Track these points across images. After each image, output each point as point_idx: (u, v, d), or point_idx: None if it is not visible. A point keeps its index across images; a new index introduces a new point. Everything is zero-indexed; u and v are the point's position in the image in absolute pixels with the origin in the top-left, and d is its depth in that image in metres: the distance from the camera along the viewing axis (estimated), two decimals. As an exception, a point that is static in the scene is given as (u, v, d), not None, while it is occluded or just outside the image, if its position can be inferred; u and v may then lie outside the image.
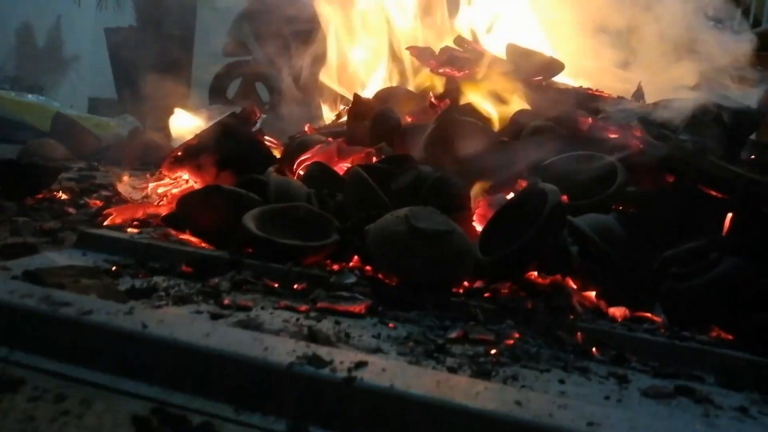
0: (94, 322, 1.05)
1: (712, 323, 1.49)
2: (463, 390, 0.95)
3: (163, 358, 1.00)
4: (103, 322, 1.04)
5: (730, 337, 1.45)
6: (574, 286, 1.64)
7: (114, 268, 1.59)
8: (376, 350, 1.23)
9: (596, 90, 2.55)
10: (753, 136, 2.27)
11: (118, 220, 2.06)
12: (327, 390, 0.94)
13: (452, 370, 1.16)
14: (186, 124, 3.31)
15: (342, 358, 0.99)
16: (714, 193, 1.80)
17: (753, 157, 1.92)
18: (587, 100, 2.38)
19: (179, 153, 2.36)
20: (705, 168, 1.80)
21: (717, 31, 2.81)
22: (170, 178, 2.48)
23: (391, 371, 0.97)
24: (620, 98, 2.43)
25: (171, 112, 4.91)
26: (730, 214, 1.72)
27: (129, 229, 1.92)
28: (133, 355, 1.01)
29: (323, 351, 1.01)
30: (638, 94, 2.57)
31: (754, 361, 1.33)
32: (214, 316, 1.31)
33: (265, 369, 0.97)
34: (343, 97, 3.48)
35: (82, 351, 1.03)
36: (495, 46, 2.99)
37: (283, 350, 1.00)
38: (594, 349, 1.36)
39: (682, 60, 2.41)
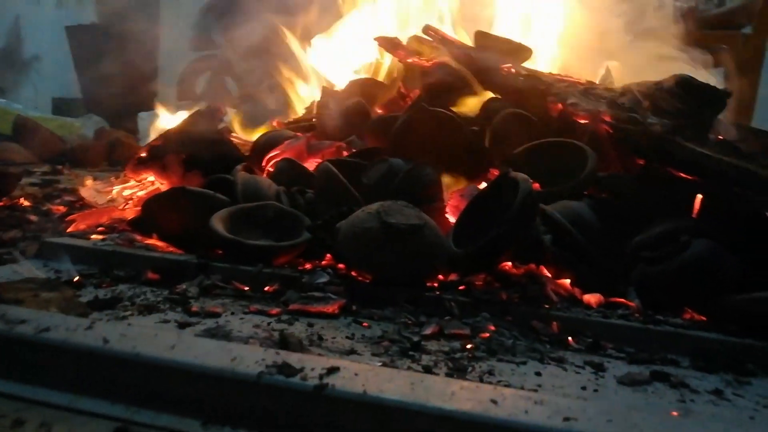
0: (52, 340, 1.00)
1: (685, 306, 1.50)
2: (438, 390, 0.93)
3: (126, 375, 0.96)
4: (62, 340, 1.00)
5: (704, 318, 1.46)
6: (549, 275, 1.64)
7: (76, 278, 1.54)
8: (350, 352, 1.21)
9: (565, 75, 2.53)
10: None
11: (82, 227, 1.99)
12: (298, 399, 0.92)
13: (428, 368, 1.14)
14: (153, 122, 3.22)
15: (313, 365, 0.96)
16: (683, 176, 1.81)
17: (720, 137, 1.93)
18: (556, 85, 2.36)
19: (143, 154, 2.29)
20: (674, 150, 1.81)
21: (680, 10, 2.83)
22: (136, 181, 2.40)
23: (363, 375, 0.95)
24: (589, 83, 2.42)
25: (137, 110, 4.79)
26: (699, 196, 1.73)
27: (93, 236, 1.85)
28: (95, 372, 0.97)
29: (294, 358, 0.98)
30: (607, 77, 2.57)
31: (728, 341, 1.34)
32: (182, 325, 1.27)
33: (233, 380, 0.93)
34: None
35: (40, 371, 0.99)
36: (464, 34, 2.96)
37: (252, 359, 0.97)
38: (570, 338, 1.35)
39: (646, 42, 2.41)
